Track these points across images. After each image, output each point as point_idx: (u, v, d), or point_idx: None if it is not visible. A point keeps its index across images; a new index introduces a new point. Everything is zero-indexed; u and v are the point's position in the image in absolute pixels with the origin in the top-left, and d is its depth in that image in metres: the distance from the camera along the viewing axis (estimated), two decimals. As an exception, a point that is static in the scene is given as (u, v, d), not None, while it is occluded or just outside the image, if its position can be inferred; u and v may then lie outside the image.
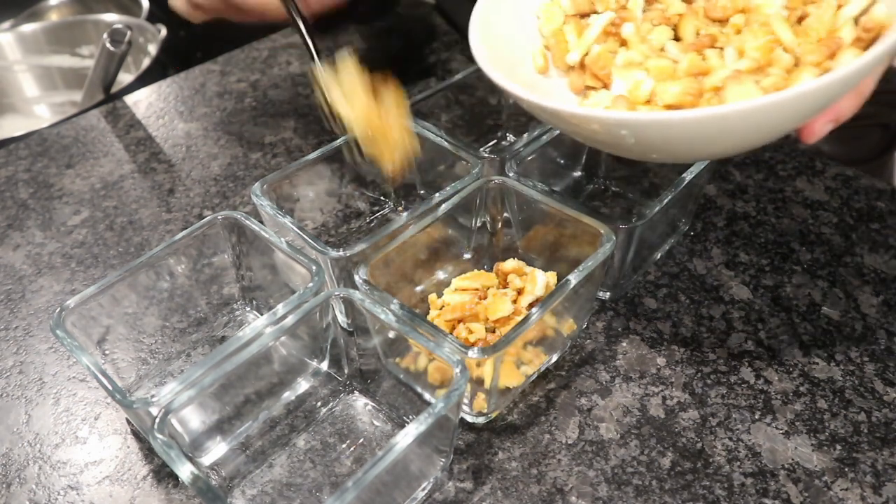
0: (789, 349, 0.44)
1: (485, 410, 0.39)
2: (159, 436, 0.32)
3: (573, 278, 0.38)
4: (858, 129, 0.73)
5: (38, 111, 0.97)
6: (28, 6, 1.05)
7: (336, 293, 0.37)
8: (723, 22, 0.38)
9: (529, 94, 0.34)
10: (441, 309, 0.42)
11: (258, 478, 0.38)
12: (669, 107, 0.35)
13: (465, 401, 0.39)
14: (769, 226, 0.52)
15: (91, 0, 1.06)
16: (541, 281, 0.42)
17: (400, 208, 0.51)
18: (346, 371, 0.42)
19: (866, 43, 0.33)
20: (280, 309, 0.37)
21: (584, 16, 0.41)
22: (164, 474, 0.39)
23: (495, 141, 0.60)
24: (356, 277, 0.39)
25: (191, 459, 0.31)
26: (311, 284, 0.38)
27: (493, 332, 0.41)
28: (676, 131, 0.31)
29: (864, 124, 0.73)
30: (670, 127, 0.31)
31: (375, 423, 0.40)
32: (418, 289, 0.46)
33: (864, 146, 0.73)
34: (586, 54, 0.40)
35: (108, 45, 0.74)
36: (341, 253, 0.40)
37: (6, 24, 1.02)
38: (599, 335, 0.45)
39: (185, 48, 0.99)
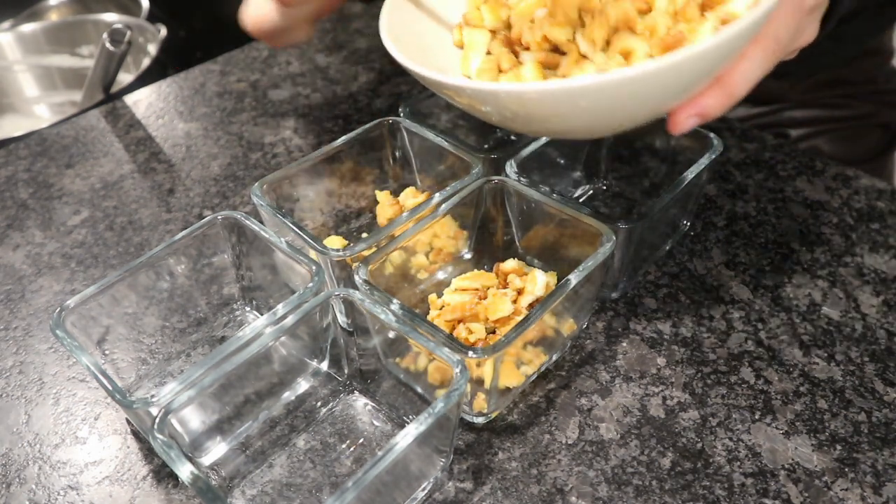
0: (789, 349, 0.44)
1: (485, 410, 0.39)
2: (159, 436, 0.32)
3: (573, 278, 0.38)
4: (858, 130, 0.73)
5: (38, 111, 0.97)
6: (28, 6, 1.05)
7: (336, 293, 0.37)
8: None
9: (409, 62, 0.35)
10: (441, 309, 0.42)
11: (258, 478, 0.38)
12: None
13: (465, 401, 0.39)
14: (769, 226, 0.52)
15: (91, 0, 1.06)
16: (541, 281, 0.42)
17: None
18: (346, 371, 0.42)
19: None
20: (280, 309, 0.37)
21: None
22: (164, 474, 0.39)
23: (495, 141, 0.60)
24: (356, 277, 0.39)
25: (191, 459, 0.31)
26: (311, 284, 0.38)
27: (493, 332, 0.41)
28: (525, 103, 0.32)
29: (864, 124, 0.73)
30: (514, 98, 0.32)
31: (375, 423, 0.40)
32: (418, 289, 0.46)
33: (863, 146, 0.73)
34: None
35: (107, 45, 0.74)
36: (341, 253, 0.40)
37: (6, 24, 1.02)
38: (599, 335, 0.45)
39: (185, 48, 1.00)
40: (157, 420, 0.32)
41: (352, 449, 0.39)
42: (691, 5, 0.36)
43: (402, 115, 0.50)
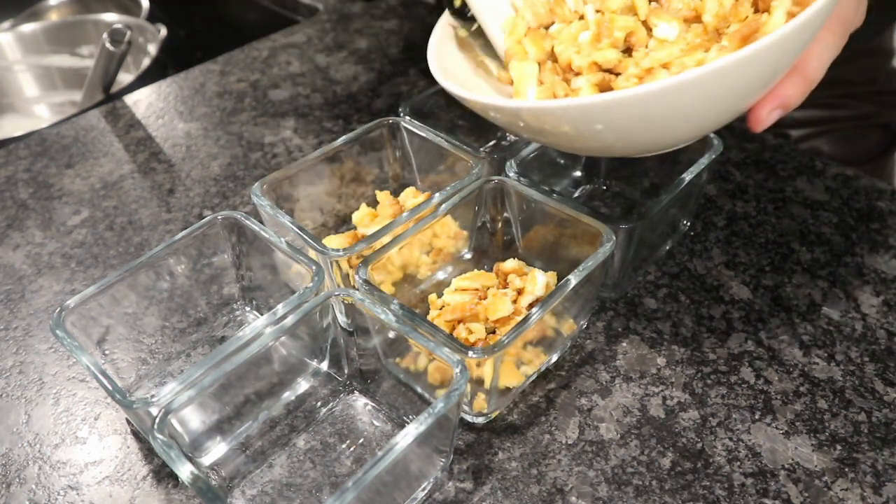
0: (789, 349, 0.44)
1: (485, 410, 0.39)
2: (159, 436, 0.32)
3: (573, 278, 0.38)
4: (858, 130, 0.73)
5: (38, 111, 0.97)
6: (28, 6, 1.05)
7: (336, 293, 0.37)
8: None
9: (484, 98, 0.35)
10: (441, 309, 0.42)
11: (258, 478, 0.38)
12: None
13: (465, 401, 0.39)
14: (769, 226, 0.52)
15: (91, 0, 1.06)
16: (541, 281, 0.42)
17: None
18: (346, 371, 0.42)
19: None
20: (280, 309, 0.37)
21: (546, 27, 0.42)
22: (164, 474, 0.39)
23: (495, 141, 0.59)
24: (356, 277, 0.39)
25: (191, 459, 0.31)
26: (311, 284, 0.38)
27: (493, 332, 0.41)
28: (602, 114, 0.32)
29: (865, 125, 0.73)
30: (591, 110, 0.32)
31: (375, 423, 0.40)
32: (418, 289, 0.46)
33: (864, 147, 0.73)
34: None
35: (107, 45, 0.74)
36: (341, 253, 0.40)
37: (6, 24, 1.02)
38: (599, 335, 0.45)
39: (185, 48, 0.99)
40: (157, 420, 0.32)
41: (352, 449, 0.39)
42: (743, 4, 0.35)
43: (402, 115, 0.50)
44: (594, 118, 0.32)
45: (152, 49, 0.84)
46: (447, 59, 0.42)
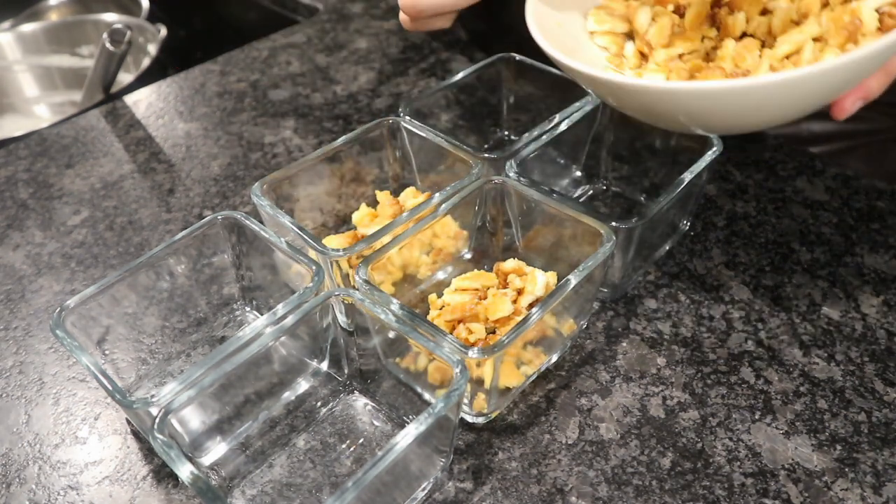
0: (789, 349, 0.44)
1: (485, 410, 0.39)
2: (159, 436, 0.32)
3: (573, 278, 0.38)
4: (884, 144, 0.71)
5: (38, 111, 0.97)
6: (28, 6, 1.05)
7: (336, 293, 0.37)
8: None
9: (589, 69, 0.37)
10: (441, 309, 0.42)
11: (258, 478, 0.38)
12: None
13: (465, 401, 0.39)
14: (769, 226, 0.52)
15: (91, 0, 1.06)
16: (541, 281, 0.42)
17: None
18: (346, 371, 0.42)
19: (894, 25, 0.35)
20: (280, 309, 0.37)
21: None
22: (164, 474, 0.39)
23: (495, 141, 0.60)
24: (356, 277, 0.39)
25: (191, 459, 0.31)
26: (311, 284, 0.38)
27: (493, 332, 0.41)
28: (698, 100, 0.34)
29: (884, 139, 0.71)
30: (691, 96, 0.34)
31: (375, 423, 0.40)
32: (418, 289, 0.46)
33: (893, 163, 0.71)
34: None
35: (107, 44, 0.74)
36: (341, 253, 0.40)
37: (6, 24, 1.02)
38: (599, 335, 0.45)
39: (185, 48, 0.99)
40: (157, 420, 0.32)
41: (352, 449, 0.39)
42: None
43: (402, 115, 0.50)
44: (691, 103, 0.34)
45: (152, 49, 0.84)
46: (548, 20, 0.43)
